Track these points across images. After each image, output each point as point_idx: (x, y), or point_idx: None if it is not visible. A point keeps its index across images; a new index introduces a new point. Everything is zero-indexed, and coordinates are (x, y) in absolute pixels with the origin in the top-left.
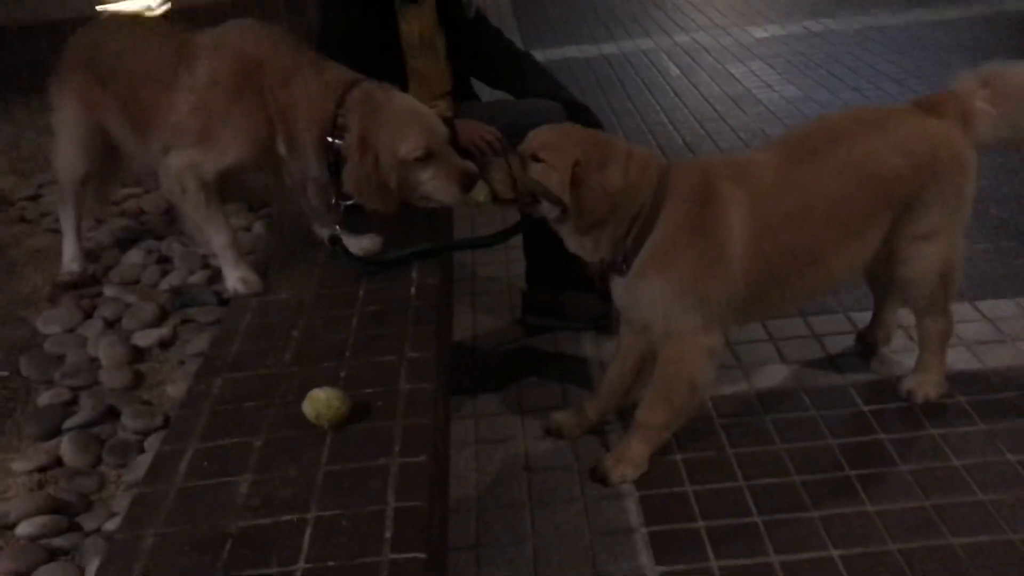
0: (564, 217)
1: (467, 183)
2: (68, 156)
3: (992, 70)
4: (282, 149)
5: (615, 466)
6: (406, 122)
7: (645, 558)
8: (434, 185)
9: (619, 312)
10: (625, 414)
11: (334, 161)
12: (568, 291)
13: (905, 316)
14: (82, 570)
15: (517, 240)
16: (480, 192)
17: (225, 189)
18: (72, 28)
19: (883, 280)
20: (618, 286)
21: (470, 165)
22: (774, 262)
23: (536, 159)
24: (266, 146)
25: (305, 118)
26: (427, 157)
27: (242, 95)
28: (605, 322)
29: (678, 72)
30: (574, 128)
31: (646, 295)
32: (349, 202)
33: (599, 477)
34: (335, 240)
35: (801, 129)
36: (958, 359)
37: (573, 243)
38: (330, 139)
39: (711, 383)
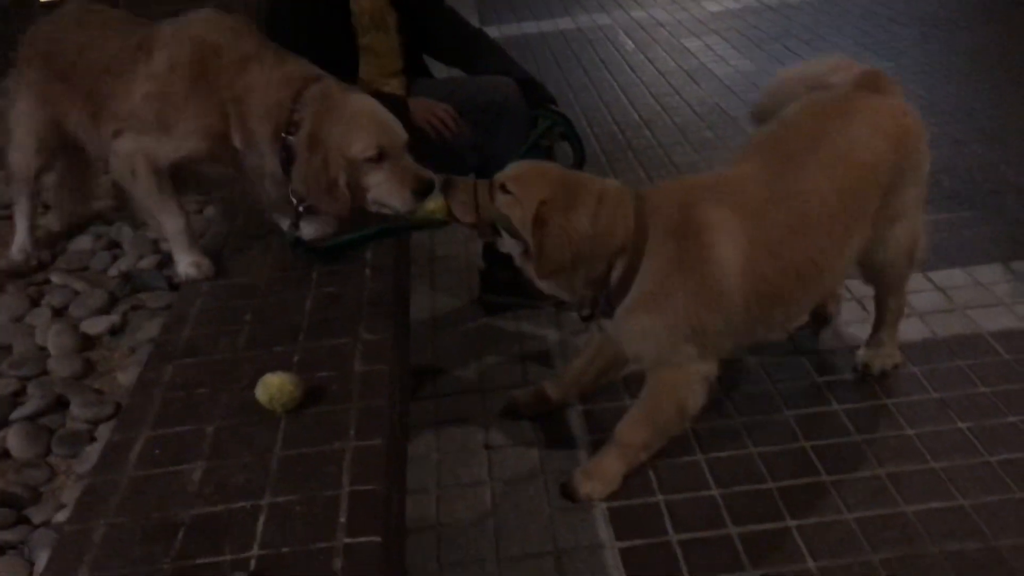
0: (526, 257)
1: (420, 190)
2: (24, 150)
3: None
4: (237, 141)
5: (584, 481)
6: (360, 121)
7: (605, 533)
8: (385, 189)
9: None
10: (586, 397)
11: (287, 158)
12: None
13: (857, 287)
14: (31, 564)
15: None
16: (433, 202)
17: (181, 180)
18: (16, 10)
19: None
20: (607, 323)
21: (427, 173)
22: (777, 282)
23: (504, 190)
24: (221, 138)
25: (259, 110)
26: (379, 159)
27: (197, 83)
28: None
29: (634, 47)
30: (553, 167)
31: (638, 334)
32: (306, 202)
33: (568, 493)
34: (297, 241)
35: (767, 136)
36: (910, 329)
37: (542, 286)
38: (284, 135)
39: (700, 407)
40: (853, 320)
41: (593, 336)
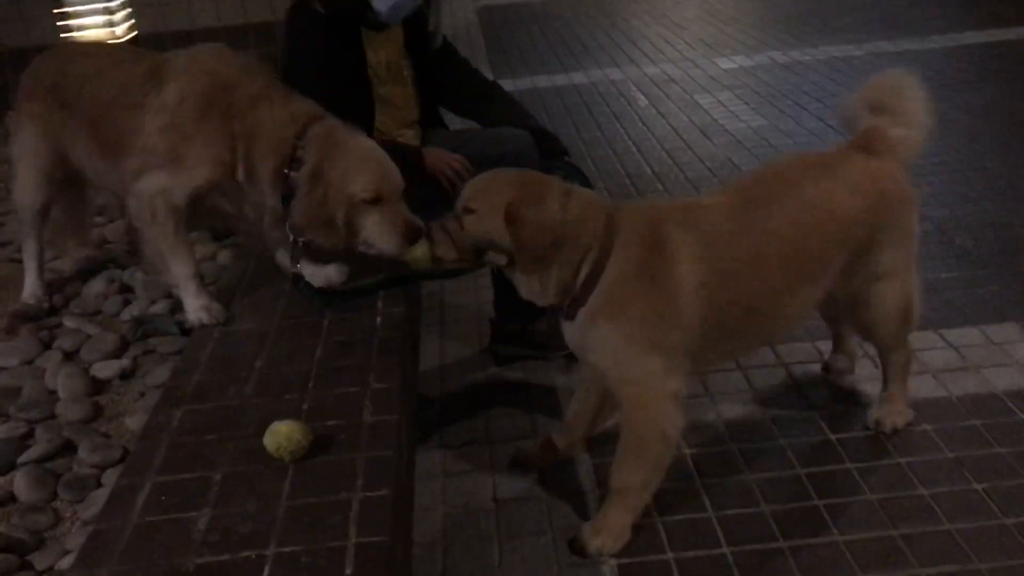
0: (512, 263)
1: (411, 236)
2: (27, 185)
3: (873, 94)
4: (240, 175)
5: (593, 537)
6: (362, 162)
7: None
8: (378, 231)
9: None
10: (594, 443)
11: (289, 194)
12: (537, 320)
13: (868, 344)
14: None
15: (485, 269)
16: (418, 249)
17: (194, 216)
18: (35, 55)
19: (843, 320)
20: (568, 330)
21: (417, 220)
22: (727, 310)
23: (468, 211)
24: (227, 170)
25: (264, 146)
26: (376, 201)
27: (210, 115)
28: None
29: (646, 102)
30: (505, 171)
31: (596, 342)
32: (304, 238)
33: (577, 549)
34: (297, 278)
35: (749, 175)
36: (924, 387)
37: (523, 289)
38: (286, 171)
39: (680, 429)
40: (866, 377)
41: (583, 375)
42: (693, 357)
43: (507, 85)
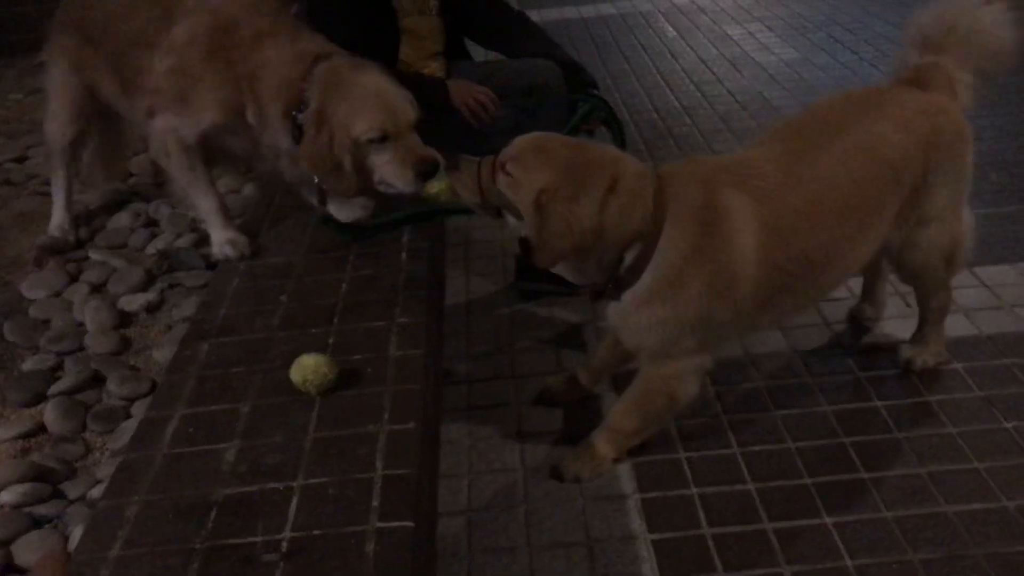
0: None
1: (424, 171)
2: (58, 119)
3: (940, 26)
4: (251, 118)
5: (572, 463)
6: (366, 101)
7: (637, 524)
8: (388, 170)
9: None
10: (619, 379)
11: (299, 135)
12: None
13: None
14: (66, 538)
15: None
16: (434, 185)
17: (212, 154)
18: None
19: (876, 261)
20: (611, 309)
21: (431, 153)
22: (787, 269)
23: (505, 172)
24: (237, 111)
25: (270, 88)
26: (383, 139)
27: (214, 56)
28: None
29: (675, 34)
30: (559, 144)
31: (647, 323)
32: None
33: (555, 474)
34: (327, 217)
35: (793, 121)
36: (956, 326)
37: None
38: (295, 113)
39: (693, 398)
40: (896, 316)
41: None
42: (743, 325)
43: (533, 16)
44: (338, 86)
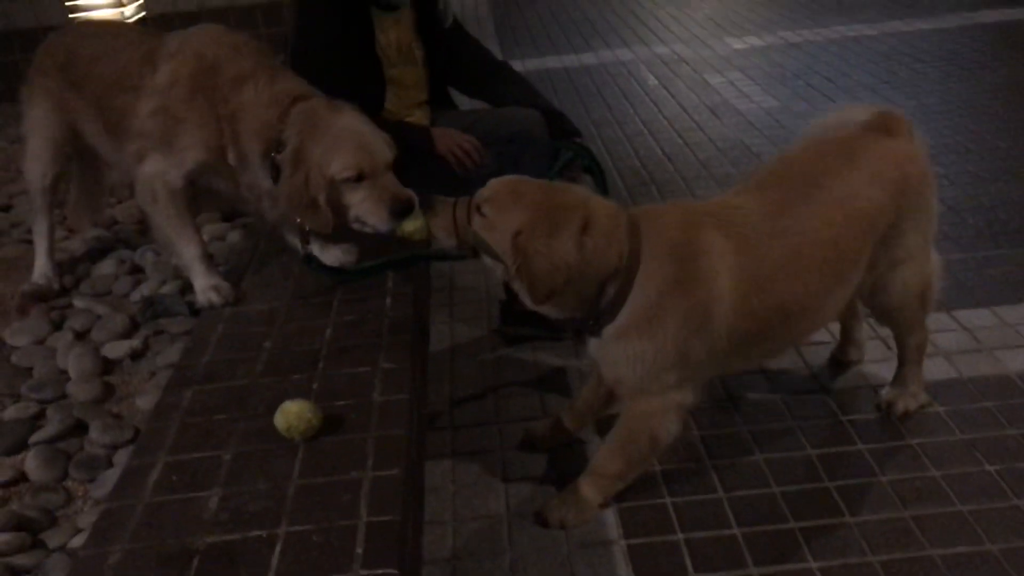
0: (513, 276)
1: (399, 210)
2: (38, 159)
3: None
4: (231, 159)
5: (558, 508)
6: (342, 141)
7: (623, 571)
8: (363, 208)
9: None
10: (604, 423)
11: (277, 176)
12: None
13: (880, 325)
14: None
15: None
16: (409, 224)
17: (197, 199)
18: (44, 36)
19: (852, 309)
20: (592, 344)
21: (407, 192)
22: (763, 317)
23: (480, 213)
24: (218, 152)
25: (250, 130)
26: (359, 179)
27: (196, 98)
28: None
29: (656, 82)
30: (532, 187)
31: (624, 357)
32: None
33: (540, 520)
34: (309, 257)
35: (771, 170)
36: (936, 369)
37: (530, 305)
38: (273, 154)
39: (675, 437)
40: (877, 359)
41: (596, 367)
42: (721, 364)
43: (516, 66)
44: (315, 127)
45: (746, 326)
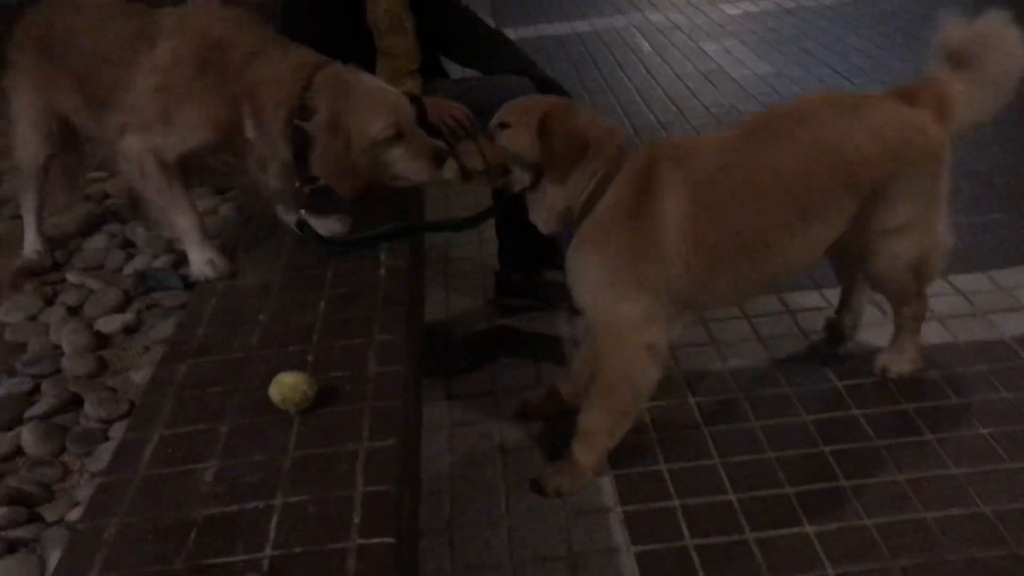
0: (536, 182)
1: (439, 159)
2: (27, 141)
3: (954, 43)
4: (250, 132)
5: (553, 476)
6: (376, 102)
7: (620, 537)
8: (406, 164)
9: None
10: None
11: (301, 144)
12: (542, 271)
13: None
14: (43, 561)
15: (490, 220)
16: (449, 170)
17: (188, 171)
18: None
19: (852, 270)
20: (566, 263)
21: (438, 143)
22: (716, 245)
23: (503, 125)
24: (231, 128)
25: (273, 100)
26: (397, 137)
27: (205, 75)
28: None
29: (650, 49)
30: (541, 96)
31: (581, 273)
32: (314, 185)
33: (537, 488)
34: (302, 224)
35: (774, 110)
36: (931, 334)
37: (537, 210)
38: (297, 121)
39: (654, 382)
40: (872, 324)
41: (586, 325)
42: (684, 300)
43: (509, 34)
44: (347, 92)
45: (700, 253)
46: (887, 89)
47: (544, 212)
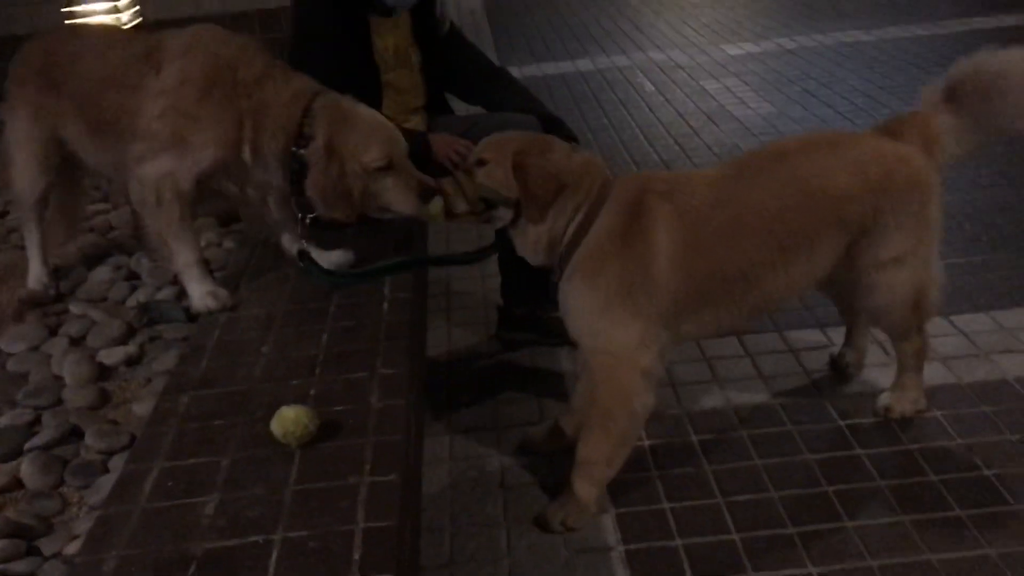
0: (517, 217)
1: (426, 194)
2: (25, 173)
3: (958, 74)
4: (247, 156)
5: (557, 511)
6: (371, 132)
7: None
8: (394, 195)
9: None
10: None
11: (298, 171)
12: (544, 305)
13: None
14: None
15: (493, 255)
16: (435, 206)
17: (197, 200)
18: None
19: (854, 306)
20: (559, 294)
21: (427, 178)
22: (704, 281)
23: (481, 162)
24: (233, 148)
25: (273, 126)
26: (388, 167)
27: (213, 95)
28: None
29: (653, 88)
30: (517, 132)
31: (572, 302)
32: (312, 215)
33: (540, 524)
34: (304, 254)
35: (757, 149)
36: (934, 374)
37: (521, 245)
38: (294, 148)
39: (650, 408)
40: (876, 364)
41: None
42: (671, 328)
43: (513, 72)
44: (343, 119)
45: (689, 289)
46: (873, 126)
47: (529, 247)
